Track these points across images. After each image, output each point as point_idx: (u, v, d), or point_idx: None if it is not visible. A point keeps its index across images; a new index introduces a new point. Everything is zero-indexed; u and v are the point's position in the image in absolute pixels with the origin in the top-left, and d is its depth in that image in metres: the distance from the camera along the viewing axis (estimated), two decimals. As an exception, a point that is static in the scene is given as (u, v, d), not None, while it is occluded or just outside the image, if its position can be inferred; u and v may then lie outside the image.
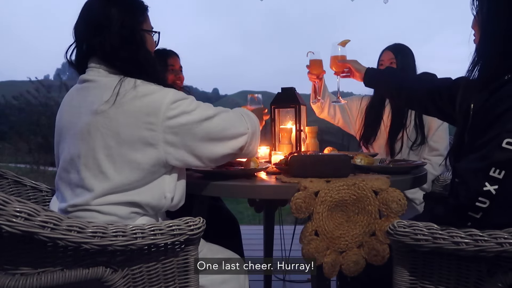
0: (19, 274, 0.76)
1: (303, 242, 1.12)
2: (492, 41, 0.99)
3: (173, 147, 1.06)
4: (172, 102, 1.04)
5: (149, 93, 1.05)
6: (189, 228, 0.88)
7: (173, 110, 1.04)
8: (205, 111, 1.09)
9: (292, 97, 1.67)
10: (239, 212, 4.71)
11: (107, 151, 1.03)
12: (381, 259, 1.14)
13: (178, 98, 1.06)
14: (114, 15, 1.10)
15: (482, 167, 0.88)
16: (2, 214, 0.68)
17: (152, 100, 1.04)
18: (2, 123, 11.93)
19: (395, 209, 1.14)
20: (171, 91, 1.07)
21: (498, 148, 0.86)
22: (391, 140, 1.99)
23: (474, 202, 0.88)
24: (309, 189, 1.11)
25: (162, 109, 1.03)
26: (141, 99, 1.03)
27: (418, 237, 0.85)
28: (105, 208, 1.02)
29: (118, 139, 1.02)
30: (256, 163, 1.36)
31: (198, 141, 1.07)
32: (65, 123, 1.13)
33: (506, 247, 0.77)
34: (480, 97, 0.97)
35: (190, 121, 1.06)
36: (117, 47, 1.09)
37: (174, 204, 1.15)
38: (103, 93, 1.05)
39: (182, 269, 0.92)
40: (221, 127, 1.11)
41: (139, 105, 1.03)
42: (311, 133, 1.75)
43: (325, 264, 1.13)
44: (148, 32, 1.19)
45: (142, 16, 1.17)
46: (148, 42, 1.19)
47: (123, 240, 0.80)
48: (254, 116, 1.28)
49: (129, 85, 1.06)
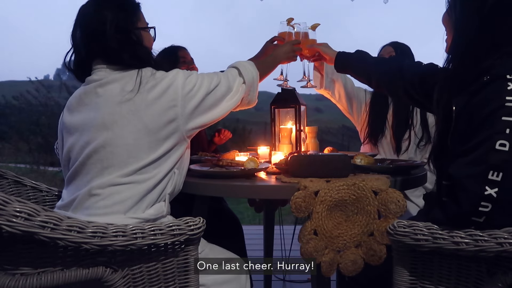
0: (19, 274, 0.76)
1: (302, 241, 1.12)
2: (466, 42, 0.98)
3: (191, 117, 1.16)
4: (185, 78, 1.16)
5: (164, 76, 1.14)
6: (189, 228, 0.88)
7: (188, 85, 1.15)
8: (211, 80, 1.21)
9: (292, 97, 1.67)
10: (239, 212, 4.72)
11: (135, 135, 1.09)
12: (378, 259, 1.14)
13: (188, 74, 1.18)
14: (107, 19, 1.12)
15: (480, 171, 0.87)
16: (2, 214, 0.68)
17: (170, 82, 1.13)
18: (2, 123, 11.93)
19: (393, 210, 1.14)
20: (179, 71, 1.17)
21: (493, 151, 0.85)
22: (397, 138, 1.96)
23: (477, 207, 0.86)
24: (309, 189, 1.11)
25: (179, 87, 1.13)
26: (160, 83, 1.12)
27: (418, 237, 0.85)
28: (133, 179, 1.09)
29: (145, 123, 1.10)
30: (256, 163, 1.36)
31: (210, 106, 1.20)
32: (78, 122, 1.14)
33: (506, 247, 0.77)
34: (460, 99, 0.95)
35: (202, 92, 1.17)
36: (117, 50, 1.13)
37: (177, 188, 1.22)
38: (124, 85, 1.11)
39: (182, 269, 0.92)
40: (224, 90, 1.24)
41: (159, 89, 1.12)
42: (311, 133, 1.75)
43: (323, 263, 1.13)
44: (143, 29, 1.22)
45: (135, 14, 1.20)
46: (146, 39, 1.23)
47: (123, 240, 0.80)
48: (251, 65, 1.35)
49: (147, 74, 1.14)
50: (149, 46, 1.25)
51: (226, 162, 1.39)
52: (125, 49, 1.14)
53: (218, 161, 1.42)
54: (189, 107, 1.15)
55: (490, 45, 0.95)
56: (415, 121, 1.95)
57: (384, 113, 2.01)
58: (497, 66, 0.91)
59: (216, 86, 1.22)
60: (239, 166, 1.36)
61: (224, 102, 1.25)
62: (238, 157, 1.58)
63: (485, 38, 0.95)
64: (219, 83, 1.23)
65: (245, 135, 14.11)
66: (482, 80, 0.91)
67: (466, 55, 0.98)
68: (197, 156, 1.67)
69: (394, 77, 1.33)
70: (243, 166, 1.35)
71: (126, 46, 1.15)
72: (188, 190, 1.26)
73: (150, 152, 1.11)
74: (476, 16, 0.96)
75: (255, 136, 12.79)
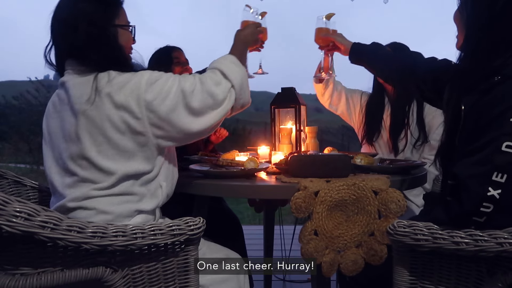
0: (19, 274, 0.76)
1: (302, 242, 1.12)
2: (477, 40, 0.97)
3: (161, 129, 1.04)
4: (149, 84, 1.02)
5: (124, 82, 1.02)
6: (189, 228, 0.88)
7: (151, 92, 1.02)
8: (182, 86, 1.05)
9: (292, 97, 1.67)
10: (239, 212, 4.71)
11: (97, 147, 1.01)
12: (379, 259, 1.14)
13: (154, 78, 1.04)
14: (81, 12, 1.05)
15: (484, 172, 0.86)
16: (2, 214, 0.68)
17: (130, 89, 1.01)
18: (2, 123, 11.94)
19: (393, 210, 1.14)
20: (146, 73, 1.04)
21: (498, 152, 0.85)
22: (393, 138, 1.97)
23: (479, 208, 0.86)
24: (309, 189, 1.11)
25: (141, 95, 1.01)
26: (118, 91, 1.01)
27: (418, 237, 0.85)
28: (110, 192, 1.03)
29: (105, 134, 1.01)
30: (256, 163, 1.36)
31: (184, 118, 1.05)
32: (53, 129, 1.10)
33: (506, 247, 0.77)
34: (470, 98, 0.95)
35: (171, 102, 1.03)
36: (86, 46, 1.04)
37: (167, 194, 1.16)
38: (82, 93, 1.02)
39: (182, 269, 0.92)
40: (202, 101, 1.07)
41: (117, 98, 1.00)
42: (311, 133, 1.75)
43: (324, 263, 1.13)
44: (122, 27, 1.13)
45: (113, 10, 1.11)
46: (123, 38, 1.13)
47: (123, 240, 0.80)
48: (236, 62, 1.18)
49: (103, 80, 1.02)
50: (126, 46, 1.15)
51: (226, 162, 1.39)
52: (93, 47, 1.04)
53: (218, 161, 1.42)
54: (156, 119, 1.02)
55: (502, 44, 0.94)
56: (411, 120, 1.96)
57: (380, 113, 2.03)
58: (509, 66, 0.90)
59: (192, 91, 1.06)
60: (239, 166, 1.36)
61: (208, 112, 1.09)
62: (238, 157, 1.58)
63: (496, 36, 0.94)
64: (195, 89, 1.07)
65: (245, 135, 14.09)
66: (493, 80, 0.90)
67: (477, 53, 0.97)
68: (197, 156, 1.67)
69: (406, 73, 1.32)
70: (243, 166, 1.35)
71: (95, 43, 1.05)
72: (188, 190, 1.26)
73: (120, 166, 1.03)
74: (488, 14, 0.95)
75: (255, 136, 12.78)
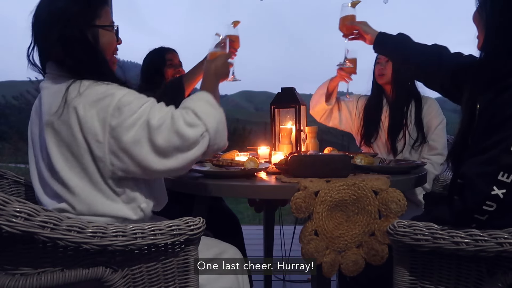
0: (19, 274, 0.76)
1: (303, 242, 1.12)
2: (497, 40, 0.97)
3: (120, 160, 0.96)
4: (117, 108, 0.93)
5: (93, 99, 0.94)
6: (189, 228, 0.88)
7: (117, 118, 0.93)
8: (149, 118, 0.95)
9: (292, 97, 1.67)
10: (239, 212, 4.71)
11: (66, 163, 0.97)
12: (380, 259, 1.14)
13: (124, 102, 0.94)
14: (59, 11, 0.99)
15: (490, 171, 0.86)
16: (2, 214, 0.68)
17: (97, 109, 0.94)
18: (2, 123, 11.94)
19: (394, 210, 1.14)
20: (118, 93, 0.95)
21: (507, 152, 0.85)
22: (391, 139, 1.99)
23: (482, 206, 0.86)
24: (309, 189, 1.11)
25: (106, 118, 0.93)
26: (85, 108, 0.94)
27: (418, 237, 0.85)
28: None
29: (71, 150, 0.96)
30: (256, 163, 1.36)
31: (146, 154, 0.95)
32: (34, 135, 1.06)
33: (506, 247, 0.77)
34: (485, 97, 0.95)
35: (135, 133, 0.94)
36: (62, 49, 0.99)
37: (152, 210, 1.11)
38: (52, 103, 0.97)
39: (182, 269, 0.92)
40: (168, 140, 0.95)
41: (83, 115, 0.93)
42: (311, 133, 1.75)
43: (324, 263, 1.13)
44: (103, 27, 1.06)
45: (95, 10, 1.05)
46: (105, 39, 1.06)
47: (123, 240, 0.80)
48: (212, 103, 1.06)
49: (74, 91, 0.96)
50: (109, 48, 1.09)
51: (226, 162, 1.39)
52: (69, 50, 0.98)
53: (218, 161, 1.42)
54: (116, 147, 0.94)
55: None
56: (409, 121, 1.97)
57: (379, 115, 2.04)
58: None
59: (159, 126, 0.95)
60: (239, 166, 1.36)
61: (175, 154, 0.98)
62: (238, 157, 1.58)
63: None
64: (163, 124, 0.95)
65: (245, 135, 14.08)
66: (509, 80, 0.91)
67: (495, 53, 0.98)
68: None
69: (431, 67, 1.32)
70: (243, 166, 1.35)
71: (71, 46, 0.99)
72: (188, 190, 1.26)
73: (86, 187, 0.98)
74: (507, 14, 0.95)
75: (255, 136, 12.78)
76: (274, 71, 46.60)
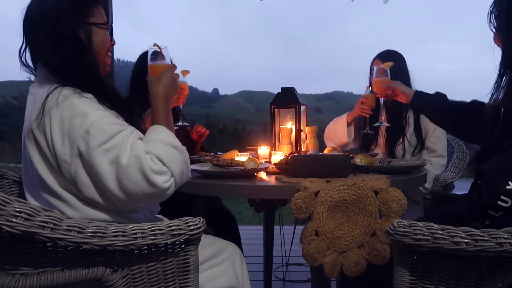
0: (19, 274, 0.76)
1: (304, 243, 1.12)
2: None
3: (85, 185, 0.93)
4: (86, 132, 0.90)
5: (66, 116, 0.91)
6: (189, 228, 0.88)
7: (85, 144, 0.90)
8: (119, 155, 0.91)
9: (292, 97, 1.67)
10: (239, 212, 4.72)
11: (48, 171, 0.96)
12: (382, 259, 1.14)
13: (95, 128, 0.90)
14: (50, 10, 0.97)
15: (506, 166, 0.90)
16: (2, 214, 0.68)
17: (68, 127, 0.90)
18: (2, 123, 11.96)
19: (395, 209, 1.14)
20: (89, 117, 0.91)
21: None
22: (390, 145, 2.01)
23: (496, 200, 0.90)
24: (309, 189, 1.11)
25: (76, 140, 0.90)
26: (58, 122, 0.91)
27: (418, 237, 0.85)
28: None
29: (49, 160, 0.94)
30: (256, 163, 1.36)
31: (111, 187, 0.91)
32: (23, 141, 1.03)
33: (506, 247, 0.77)
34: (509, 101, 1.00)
35: (102, 166, 0.90)
36: (50, 47, 0.96)
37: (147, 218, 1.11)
38: (33, 109, 0.95)
39: (182, 269, 0.92)
40: (136, 184, 0.92)
41: (55, 128, 0.91)
42: (311, 133, 1.75)
43: (326, 264, 1.13)
44: (96, 25, 1.04)
45: (86, 8, 1.03)
46: (98, 38, 1.04)
47: (123, 240, 0.80)
48: (178, 147, 1.02)
49: (52, 100, 0.92)
50: (101, 49, 1.06)
51: (226, 162, 1.39)
52: (56, 48, 0.95)
53: (218, 161, 1.42)
54: (80, 169, 0.91)
55: None
56: (407, 127, 1.99)
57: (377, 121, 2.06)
58: None
59: (129, 166, 0.91)
60: (239, 166, 1.36)
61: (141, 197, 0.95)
62: (238, 157, 1.58)
63: None
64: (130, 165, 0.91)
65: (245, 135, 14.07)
66: None
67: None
68: (197, 156, 1.67)
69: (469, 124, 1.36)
70: (243, 166, 1.35)
71: (59, 44, 0.96)
72: (188, 190, 1.26)
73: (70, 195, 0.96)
74: None
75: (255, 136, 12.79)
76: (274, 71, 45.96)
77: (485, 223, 0.93)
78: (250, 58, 49.03)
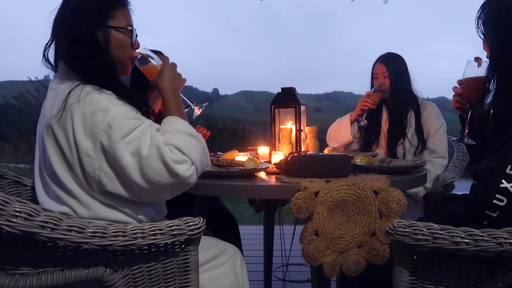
0: (19, 274, 0.76)
1: (303, 242, 1.12)
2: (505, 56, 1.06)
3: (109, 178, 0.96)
4: (108, 126, 0.93)
5: (89, 111, 0.94)
6: (189, 228, 0.88)
7: (108, 138, 0.92)
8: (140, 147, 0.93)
9: (292, 97, 1.67)
10: (239, 212, 4.72)
11: (63, 167, 0.98)
12: (382, 259, 1.14)
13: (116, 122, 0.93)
14: (72, 9, 1.01)
15: (499, 165, 0.91)
16: (2, 214, 0.68)
17: (90, 123, 0.93)
18: (2, 123, 11.95)
19: (395, 209, 1.14)
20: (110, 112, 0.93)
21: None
22: (391, 145, 2.01)
23: (492, 199, 0.91)
24: (309, 189, 1.11)
25: (99, 134, 0.93)
26: (80, 118, 0.94)
27: (418, 237, 0.85)
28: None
29: (66, 156, 0.96)
30: (256, 163, 1.36)
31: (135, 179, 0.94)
32: (39, 135, 1.06)
33: (506, 247, 0.77)
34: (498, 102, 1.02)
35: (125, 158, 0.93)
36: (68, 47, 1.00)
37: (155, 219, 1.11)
38: (54, 105, 0.98)
39: (182, 269, 0.92)
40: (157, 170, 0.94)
41: (77, 124, 0.93)
42: (311, 133, 1.75)
43: (325, 264, 1.13)
44: (116, 29, 1.06)
45: (108, 10, 1.05)
46: (116, 41, 1.07)
47: (123, 240, 0.80)
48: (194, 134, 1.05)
49: (74, 96, 0.95)
50: (119, 53, 1.08)
51: (226, 162, 1.39)
52: (73, 49, 0.99)
53: (218, 161, 1.42)
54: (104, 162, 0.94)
55: None
56: (408, 127, 1.99)
57: (378, 122, 2.06)
58: None
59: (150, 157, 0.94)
60: (239, 166, 1.36)
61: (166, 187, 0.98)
62: (238, 157, 1.58)
63: None
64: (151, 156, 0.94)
65: (245, 135, 14.09)
66: None
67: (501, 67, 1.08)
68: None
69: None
70: (243, 166, 1.35)
71: (76, 45, 0.99)
72: (188, 190, 1.26)
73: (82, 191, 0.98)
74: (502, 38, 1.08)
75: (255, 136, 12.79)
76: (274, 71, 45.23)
77: (483, 224, 0.93)
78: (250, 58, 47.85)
